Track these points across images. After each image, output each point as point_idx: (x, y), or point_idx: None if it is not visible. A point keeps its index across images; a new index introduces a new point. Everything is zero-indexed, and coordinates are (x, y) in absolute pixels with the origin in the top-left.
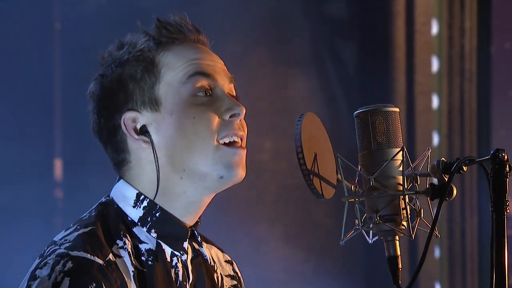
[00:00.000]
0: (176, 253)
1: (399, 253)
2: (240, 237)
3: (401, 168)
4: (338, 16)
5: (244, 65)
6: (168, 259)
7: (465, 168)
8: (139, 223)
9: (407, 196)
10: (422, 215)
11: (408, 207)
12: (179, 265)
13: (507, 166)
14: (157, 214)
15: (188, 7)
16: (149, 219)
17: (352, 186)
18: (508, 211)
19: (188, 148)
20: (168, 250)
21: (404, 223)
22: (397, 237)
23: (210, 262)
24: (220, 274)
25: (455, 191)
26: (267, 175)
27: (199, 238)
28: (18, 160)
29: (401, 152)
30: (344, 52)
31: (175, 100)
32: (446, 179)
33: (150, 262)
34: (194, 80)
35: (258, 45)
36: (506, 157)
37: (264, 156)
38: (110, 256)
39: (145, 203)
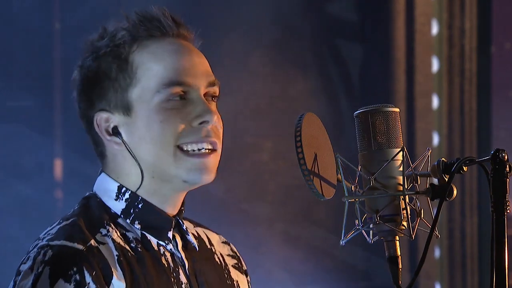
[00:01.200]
0: (161, 243)
1: (399, 253)
2: (240, 237)
3: (401, 168)
4: (338, 16)
5: (245, 65)
6: (156, 248)
7: (465, 169)
8: (122, 216)
9: (407, 196)
10: (422, 215)
11: (408, 207)
12: (167, 253)
13: (507, 166)
14: (140, 206)
15: (188, 7)
16: (132, 211)
17: (352, 186)
18: (508, 211)
19: (152, 152)
20: (154, 240)
21: (404, 223)
22: (397, 237)
23: (208, 246)
24: (220, 254)
25: (455, 191)
26: (267, 175)
27: (184, 226)
28: (18, 160)
29: (401, 152)
30: (344, 52)
31: (147, 106)
32: (446, 180)
33: (139, 249)
34: (169, 89)
35: (259, 45)
36: (506, 157)
37: (264, 156)
38: (92, 242)
39: (127, 195)
